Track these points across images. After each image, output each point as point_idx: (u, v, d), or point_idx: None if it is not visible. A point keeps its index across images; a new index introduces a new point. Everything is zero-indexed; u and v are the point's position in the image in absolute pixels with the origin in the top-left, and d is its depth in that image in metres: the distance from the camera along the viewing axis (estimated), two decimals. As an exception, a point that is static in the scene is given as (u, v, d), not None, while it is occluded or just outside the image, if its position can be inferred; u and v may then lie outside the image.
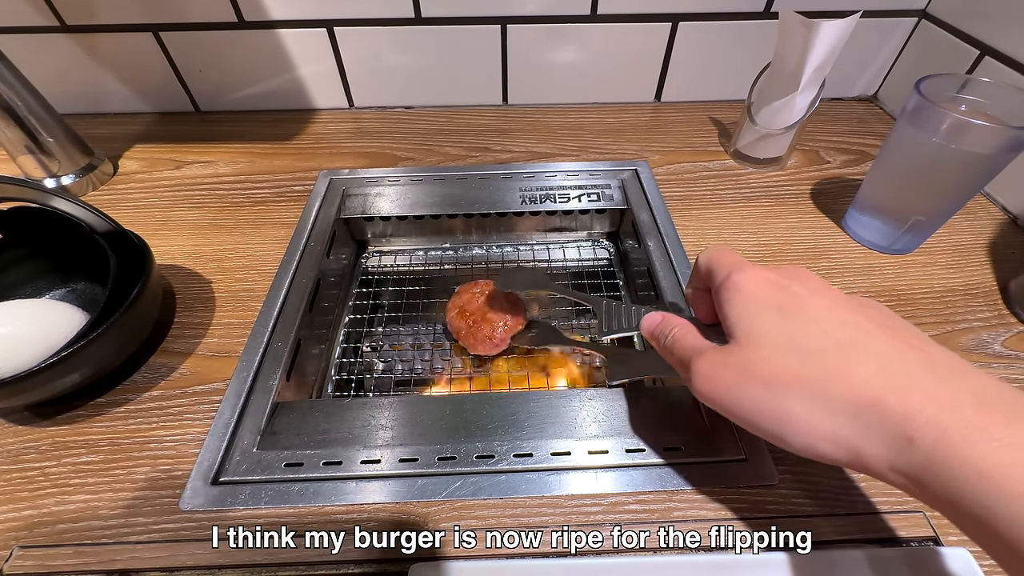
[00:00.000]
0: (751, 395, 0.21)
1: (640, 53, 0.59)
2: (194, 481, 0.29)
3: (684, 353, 0.25)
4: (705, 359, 0.23)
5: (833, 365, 0.20)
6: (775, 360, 0.21)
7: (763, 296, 0.23)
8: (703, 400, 0.23)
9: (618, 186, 0.50)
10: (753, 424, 0.22)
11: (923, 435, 0.18)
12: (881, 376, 0.20)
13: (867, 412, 0.19)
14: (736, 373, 0.22)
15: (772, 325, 0.22)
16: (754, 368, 0.21)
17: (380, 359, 0.45)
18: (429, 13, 0.54)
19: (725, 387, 0.22)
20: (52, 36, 0.55)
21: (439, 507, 0.28)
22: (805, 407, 0.20)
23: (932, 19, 0.55)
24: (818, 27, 0.41)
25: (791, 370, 0.21)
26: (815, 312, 0.22)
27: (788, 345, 0.21)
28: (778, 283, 0.23)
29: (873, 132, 0.57)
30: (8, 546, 0.27)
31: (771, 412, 0.21)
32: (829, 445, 0.20)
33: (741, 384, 0.22)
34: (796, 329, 0.21)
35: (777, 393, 0.21)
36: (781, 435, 0.21)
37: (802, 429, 0.21)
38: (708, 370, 0.23)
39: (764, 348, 0.22)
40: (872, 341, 0.21)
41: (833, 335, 0.21)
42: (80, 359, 0.29)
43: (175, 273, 0.41)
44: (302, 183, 0.51)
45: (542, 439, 0.31)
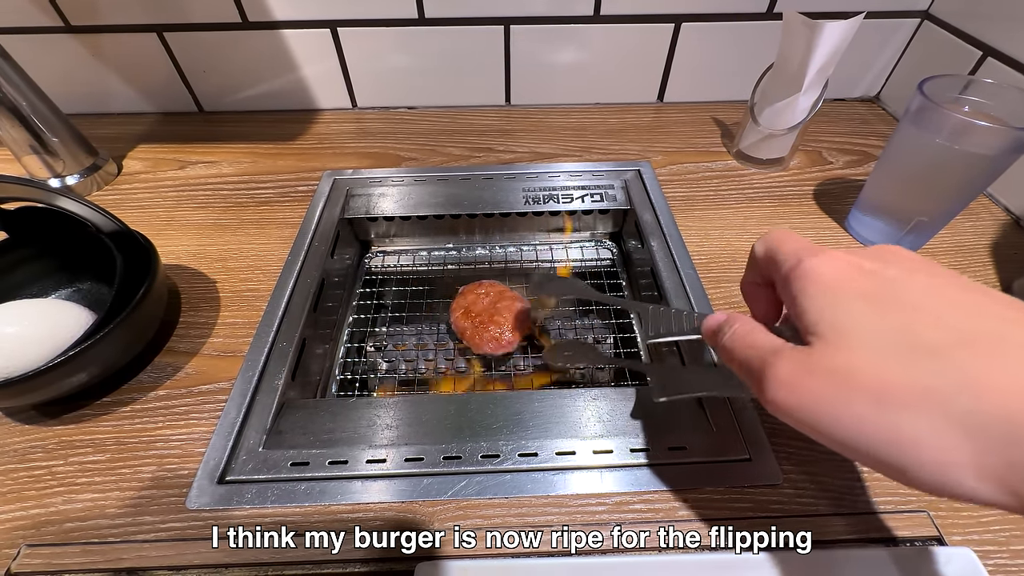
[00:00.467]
0: (855, 412, 0.16)
1: (643, 54, 0.59)
2: (200, 480, 0.29)
3: (751, 354, 0.20)
4: (784, 361, 0.18)
5: (968, 367, 0.15)
6: (881, 364, 0.16)
7: (847, 283, 0.18)
8: (782, 416, 0.18)
9: (621, 186, 0.50)
10: (860, 451, 0.17)
11: None
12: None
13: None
14: (829, 382, 0.17)
15: (866, 318, 0.17)
16: (855, 375, 0.17)
17: (384, 359, 0.45)
18: (433, 14, 0.55)
19: (814, 400, 0.17)
20: (57, 36, 0.55)
21: (445, 506, 0.28)
22: (935, 427, 0.15)
23: (934, 20, 0.55)
24: (821, 28, 0.41)
25: (910, 378, 0.16)
26: (919, 297, 0.17)
27: (895, 343, 0.16)
28: (862, 266, 0.18)
29: (875, 133, 0.57)
30: (16, 544, 0.27)
31: (886, 436, 0.16)
32: (976, 479, 0.15)
33: (839, 396, 0.17)
34: (900, 321, 0.17)
35: (893, 409, 0.16)
36: (904, 467, 0.16)
37: (935, 458, 0.15)
38: (789, 376, 0.18)
39: (863, 349, 0.17)
40: (1013, 329, 0.16)
41: (955, 326, 0.16)
42: (87, 359, 0.30)
43: (180, 273, 0.42)
44: (306, 183, 0.51)
45: (547, 439, 0.31)
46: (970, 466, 0.15)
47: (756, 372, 0.19)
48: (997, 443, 0.15)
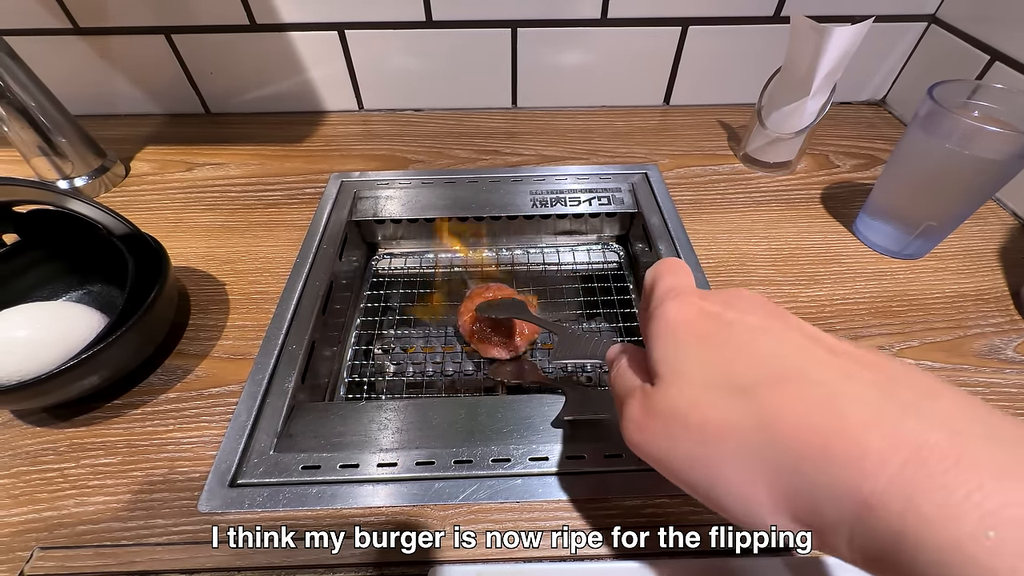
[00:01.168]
0: (682, 449, 0.17)
1: (649, 57, 0.59)
2: (212, 483, 0.29)
3: (620, 391, 0.21)
4: (635, 402, 0.19)
5: (769, 404, 0.16)
6: (703, 403, 0.17)
7: (688, 326, 0.19)
8: (637, 453, 0.19)
9: (628, 189, 0.50)
10: (689, 484, 0.18)
11: (886, 501, 0.13)
12: (827, 412, 0.15)
13: (811, 465, 0.15)
14: (664, 421, 0.18)
15: (697, 359, 0.18)
16: (683, 414, 0.17)
17: (392, 361, 0.45)
18: (440, 16, 0.55)
19: (654, 438, 0.18)
20: (65, 38, 0.55)
21: (456, 510, 0.28)
22: (740, 463, 0.16)
23: (942, 24, 0.55)
24: (830, 32, 0.41)
25: (722, 414, 0.17)
26: (744, 338, 0.18)
27: (718, 382, 0.17)
28: (707, 310, 0.19)
29: (882, 136, 0.58)
30: (29, 547, 0.27)
31: (708, 472, 0.17)
32: (772, 515, 0.16)
33: (671, 435, 0.18)
34: (723, 362, 0.17)
35: (708, 445, 0.17)
36: (718, 501, 0.17)
37: (738, 493, 0.16)
38: (636, 415, 0.19)
39: (691, 388, 0.18)
40: (816, 367, 0.16)
41: (768, 365, 0.17)
42: (99, 361, 0.30)
43: (189, 275, 0.42)
44: (313, 185, 0.51)
45: (557, 443, 0.31)
46: (766, 500, 0.16)
47: (619, 409, 0.21)
48: (783, 475, 0.15)
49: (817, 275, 0.41)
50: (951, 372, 0.35)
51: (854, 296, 0.40)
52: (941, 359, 0.35)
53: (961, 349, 0.36)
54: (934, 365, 0.35)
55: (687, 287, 0.21)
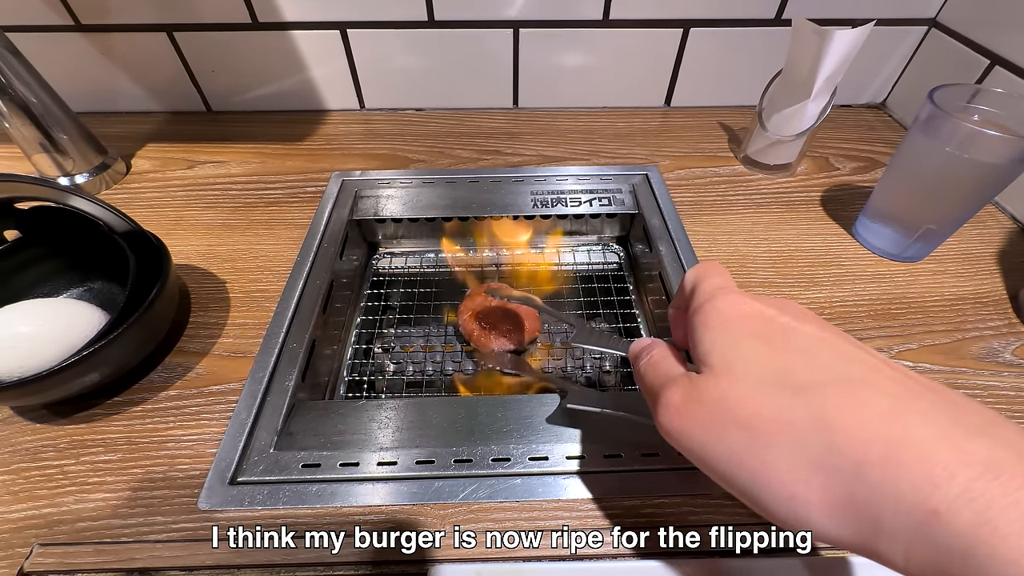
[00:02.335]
0: (727, 441, 0.17)
1: (651, 58, 0.59)
2: (212, 481, 0.29)
3: (655, 380, 0.21)
4: (677, 389, 0.19)
5: (830, 406, 0.16)
6: (757, 398, 0.17)
7: (742, 322, 0.19)
8: (670, 440, 0.19)
9: (629, 190, 0.50)
10: (728, 478, 0.18)
11: (955, 512, 0.13)
12: (892, 422, 0.15)
13: (873, 471, 0.15)
14: (709, 410, 0.18)
15: (753, 354, 0.18)
16: (732, 407, 0.17)
17: (392, 360, 0.45)
18: (442, 16, 0.55)
19: (698, 426, 0.18)
20: (67, 35, 0.55)
21: (456, 509, 0.28)
22: (791, 461, 0.16)
23: (942, 28, 0.55)
24: (831, 36, 0.41)
25: (776, 412, 0.16)
26: (805, 342, 0.18)
27: (773, 380, 0.17)
28: (760, 311, 0.19)
29: (882, 139, 0.58)
30: (28, 543, 0.27)
31: (752, 468, 0.17)
32: (823, 516, 0.16)
33: (716, 425, 0.18)
34: (782, 361, 0.17)
35: (758, 440, 0.17)
36: (760, 497, 0.17)
37: (786, 491, 0.16)
38: (679, 403, 0.19)
39: (744, 382, 0.17)
40: (879, 378, 0.16)
41: (830, 369, 0.17)
42: (100, 358, 0.30)
43: (189, 273, 0.42)
44: (314, 184, 0.51)
45: (557, 442, 0.31)
46: (816, 502, 0.16)
47: (654, 396, 0.20)
48: (841, 479, 0.15)
49: (817, 277, 0.42)
50: (949, 375, 0.35)
51: (853, 298, 0.40)
52: (940, 362, 0.36)
53: (960, 352, 0.36)
54: (932, 368, 0.35)
55: (735, 288, 0.21)
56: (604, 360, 0.45)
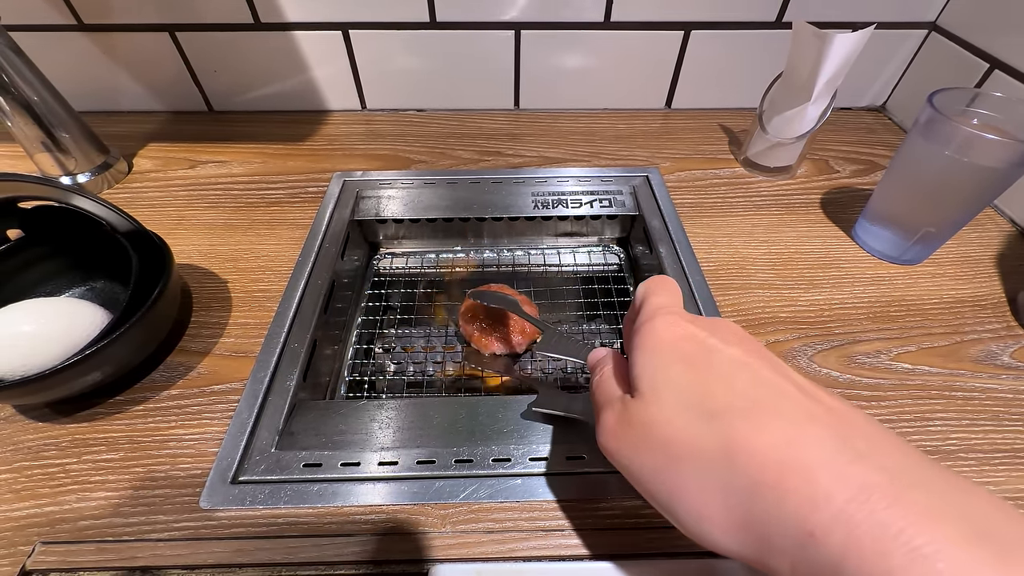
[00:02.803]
0: (650, 462, 0.19)
1: (652, 60, 0.59)
2: (213, 480, 0.29)
3: (600, 399, 0.22)
4: (613, 412, 0.21)
5: (735, 432, 0.17)
6: (676, 422, 0.18)
7: (674, 346, 0.20)
8: (609, 459, 0.21)
9: (629, 192, 0.50)
10: (651, 495, 0.19)
11: (829, 532, 0.14)
12: (788, 447, 0.16)
13: (766, 493, 0.16)
14: (636, 433, 0.19)
15: (678, 379, 0.19)
16: (654, 431, 0.19)
17: (392, 360, 0.46)
18: (444, 17, 0.55)
19: (627, 447, 0.19)
20: (70, 34, 0.55)
21: (456, 509, 0.28)
22: (701, 483, 0.17)
23: (942, 31, 0.55)
24: (832, 39, 0.42)
25: (690, 437, 0.18)
26: (725, 367, 0.19)
27: (692, 405, 0.18)
28: (693, 334, 0.20)
29: (882, 142, 0.58)
30: (30, 541, 0.27)
31: (666, 485, 0.18)
32: (723, 533, 0.17)
33: (640, 447, 0.19)
34: (703, 386, 0.18)
35: (673, 463, 0.18)
36: (675, 514, 0.18)
37: (695, 510, 0.17)
38: (613, 425, 0.20)
39: (667, 407, 0.19)
40: (786, 403, 0.17)
41: (742, 394, 0.18)
42: (103, 358, 0.30)
43: (191, 272, 0.42)
44: (316, 184, 0.51)
45: (557, 443, 0.31)
46: (719, 521, 0.17)
47: (597, 414, 0.22)
48: (740, 500, 0.16)
49: (816, 279, 0.42)
50: (947, 377, 0.35)
51: (852, 301, 0.40)
52: (938, 364, 0.36)
53: (958, 354, 0.36)
54: (931, 370, 0.35)
55: (676, 307, 0.22)
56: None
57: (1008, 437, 0.31)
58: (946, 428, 0.32)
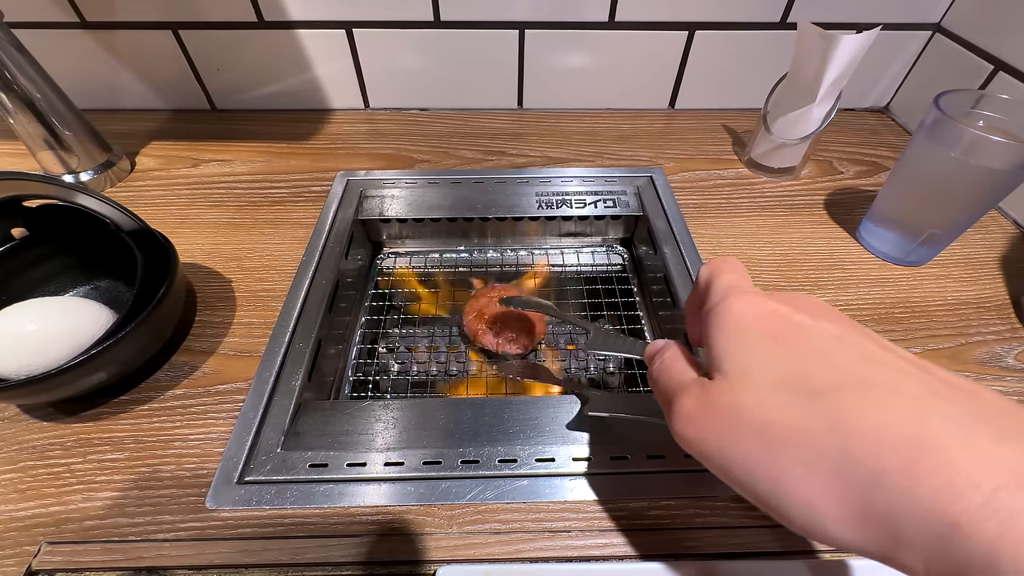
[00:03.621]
0: (743, 448, 0.17)
1: (656, 60, 0.59)
2: (219, 480, 0.29)
3: (668, 385, 0.20)
4: (690, 396, 0.19)
5: (846, 411, 0.15)
6: (772, 404, 0.16)
7: (758, 323, 0.18)
8: (685, 447, 0.19)
9: (634, 192, 0.50)
10: (745, 486, 0.17)
11: (978, 523, 0.13)
12: (914, 426, 0.14)
13: (892, 479, 0.14)
14: (723, 418, 0.17)
15: (767, 358, 0.17)
16: (746, 414, 0.17)
17: (396, 360, 0.45)
18: (448, 16, 0.55)
19: (713, 434, 0.18)
20: (72, 32, 0.55)
21: (463, 510, 0.28)
22: (808, 469, 0.15)
23: (946, 33, 0.55)
24: (837, 40, 0.41)
25: (791, 418, 0.16)
26: (822, 342, 0.17)
27: (788, 384, 0.17)
28: (776, 310, 0.18)
29: (886, 143, 0.58)
30: (36, 541, 0.27)
31: (768, 474, 0.16)
32: (840, 525, 0.15)
33: (731, 433, 0.17)
34: (797, 364, 0.17)
35: (774, 447, 0.16)
36: (779, 507, 0.16)
37: (803, 500, 0.16)
38: (690, 410, 0.19)
39: (758, 388, 0.17)
40: (903, 380, 0.16)
41: (847, 371, 0.16)
42: (108, 357, 0.30)
43: (195, 272, 0.42)
44: (319, 184, 0.51)
45: (563, 444, 0.31)
46: (834, 511, 0.15)
47: (667, 402, 0.20)
48: (859, 488, 0.15)
49: (820, 281, 0.42)
50: (953, 379, 0.35)
51: (857, 302, 0.40)
52: (943, 366, 0.35)
53: (962, 356, 0.36)
54: (936, 372, 0.35)
55: (749, 285, 0.20)
56: (608, 362, 0.45)
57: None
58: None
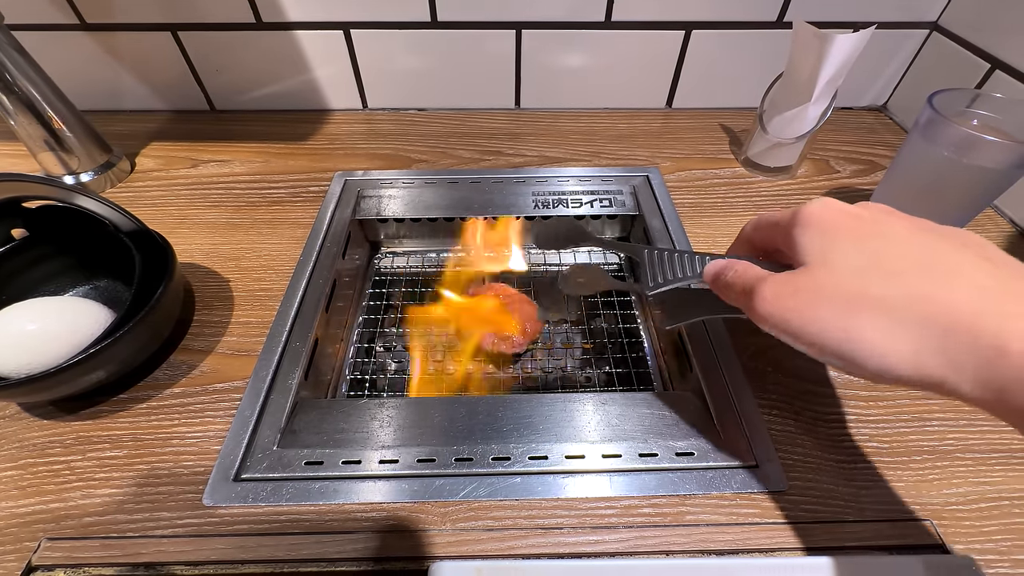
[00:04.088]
0: (820, 316, 0.20)
1: (652, 60, 0.59)
2: (216, 478, 0.30)
3: (748, 282, 0.23)
4: (772, 282, 0.22)
5: (922, 288, 0.19)
6: (849, 281, 0.20)
7: (836, 223, 0.21)
8: (764, 324, 0.22)
9: (630, 192, 0.50)
10: (820, 345, 0.20)
11: (1017, 346, 0.16)
12: (982, 301, 0.18)
13: (959, 333, 0.18)
14: (803, 295, 0.21)
15: (849, 249, 0.20)
16: (826, 290, 0.20)
17: (393, 359, 0.46)
18: (445, 17, 0.55)
19: (790, 309, 0.21)
20: (72, 34, 0.55)
21: (457, 507, 0.29)
22: (883, 327, 0.19)
23: (943, 31, 0.55)
24: (832, 40, 0.42)
25: (870, 291, 0.19)
26: (899, 234, 0.20)
27: (864, 267, 0.20)
28: (856, 213, 0.22)
29: (883, 142, 0.58)
30: (36, 537, 0.27)
31: (842, 331, 0.19)
32: (909, 367, 0.18)
33: (809, 305, 0.20)
34: (876, 252, 0.20)
35: (851, 312, 0.19)
36: (852, 356, 0.19)
37: (878, 350, 0.19)
38: (773, 294, 0.21)
39: (839, 272, 0.20)
40: (972, 269, 0.19)
41: (922, 259, 0.19)
42: (107, 356, 0.30)
43: (193, 271, 0.42)
44: (317, 184, 0.51)
45: (556, 442, 0.31)
46: (906, 357, 0.19)
47: (748, 293, 0.23)
48: (931, 342, 0.18)
49: (815, 280, 0.42)
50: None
51: (852, 301, 0.40)
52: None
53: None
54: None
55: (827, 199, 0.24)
56: (604, 358, 0.45)
57: (1005, 437, 0.32)
58: (943, 428, 0.32)
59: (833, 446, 0.31)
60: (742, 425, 0.32)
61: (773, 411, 0.33)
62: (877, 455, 0.31)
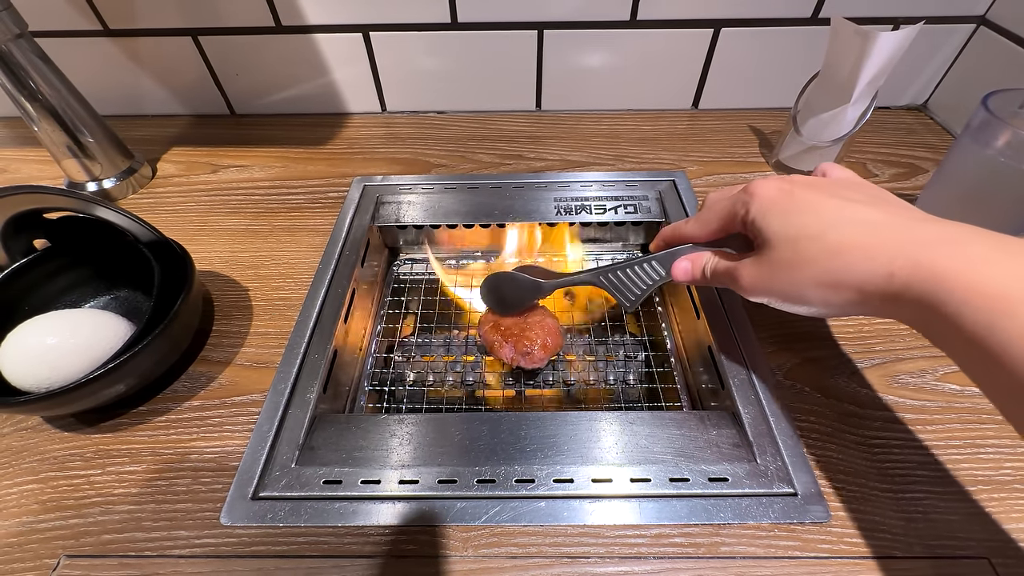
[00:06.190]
0: (782, 281, 0.27)
1: (679, 59, 0.57)
2: (234, 496, 0.29)
3: (727, 274, 0.30)
4: (747, 269, 0.28)
5: (832, 241, 0.24)
6: (791, 252, 0.26)
7: (775, 203, 0.27)
8: (755, 298, 0.29)
9: (655, 197, 0.49)
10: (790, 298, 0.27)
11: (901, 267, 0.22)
12: (869, 235, 0.24)
13: (854, 252, 0.24)
14: (769, 271, 0.27)
15: (782, 226, 0.27)
16: (780, 263, 0.26)
17: (411, 370, 0.45)
18: (465, 18, 0.54)
19: (766, 283, 0.27)
20: (95, 39, 0.56)
21: (479, 532, 0.27)
22: (817, 275, 0.25)
23: (992, 26, 0.52)
24: (875, 38, 0.39)
25: (803, 254, 0.25)
26: (809, 205, 0.26)
27: (797, 237, 0.26)
28: (782, 188, 0.28)
29: (924, 144, 0.55)
30: (55, 555, 0.27)
31: (796, 288, 0.26)
32: (834, 292, 0.24)
33: (775, 277, 0.27)
34: (798, 224, 0.26)
35: (797, 272, 0.26)
36: (805, 300, 0.26)
37: (817, 294, 0.25)
38: (751, 277, 0.28)
39: (782, 246, 0.26)
40: (861, 213, 0.25)
41: (827, 218, 0.25)
42: (127, 370, 0.30)
43: (213, 279, 0.42)
44: (336, 189, 0.51)
45: (582, 464, 0.30)
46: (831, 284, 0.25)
47: (732, 277, 0.29)
48: (844, 266, 0.24)
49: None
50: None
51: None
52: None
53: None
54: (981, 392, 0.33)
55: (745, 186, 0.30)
56: (629, 372, 0.44)
57: (1068, 467, 0.29)
58: (999, 456, 0.30)
59: (878, 474, 0.29)
60: (779, 449, 0.30)
61: (812, 434, 0.31)
62: (927, 484, 0.29)
